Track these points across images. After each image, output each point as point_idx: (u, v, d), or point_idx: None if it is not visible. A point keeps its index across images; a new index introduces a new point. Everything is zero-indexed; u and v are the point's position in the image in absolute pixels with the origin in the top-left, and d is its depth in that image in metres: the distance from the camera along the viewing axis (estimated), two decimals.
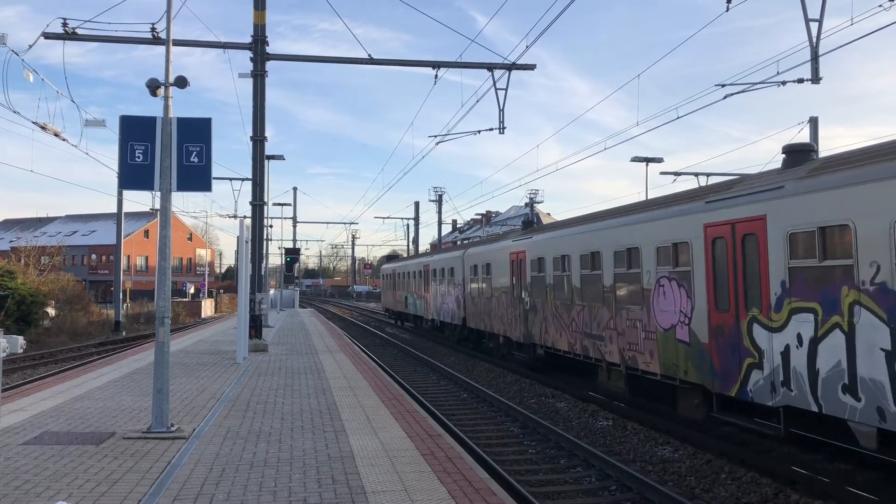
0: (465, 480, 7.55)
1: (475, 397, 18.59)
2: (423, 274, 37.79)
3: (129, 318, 53.47)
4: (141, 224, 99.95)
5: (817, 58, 15.92)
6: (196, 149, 10.51)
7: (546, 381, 20.64)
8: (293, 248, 55.73)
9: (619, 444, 13.08)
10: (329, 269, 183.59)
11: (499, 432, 14.36)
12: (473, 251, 28.53)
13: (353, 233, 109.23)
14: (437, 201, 71.24)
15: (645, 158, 33.63)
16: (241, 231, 20.04)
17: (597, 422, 15.01)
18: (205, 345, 25.19)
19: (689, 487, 10.29)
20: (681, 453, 12.07)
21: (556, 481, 10.83)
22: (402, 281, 44.52)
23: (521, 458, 12.25)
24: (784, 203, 10.37)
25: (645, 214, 14.55)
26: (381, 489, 7.17)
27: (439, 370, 23.77)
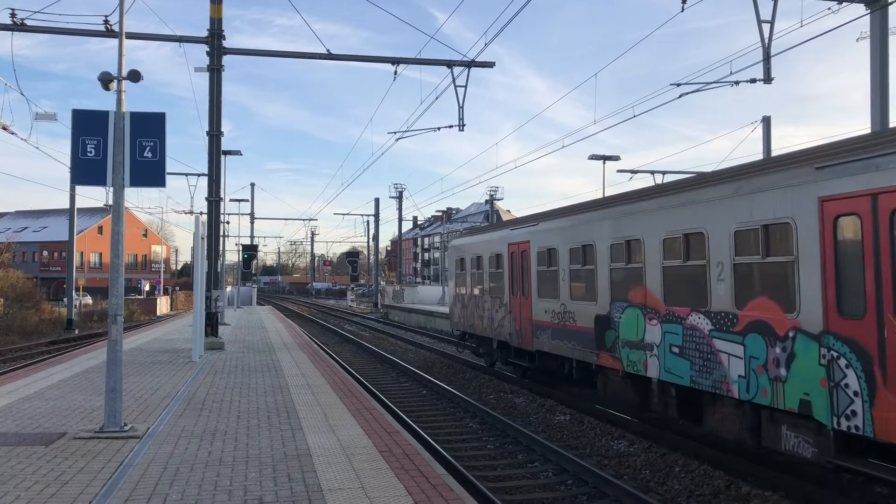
0: (422, 477, 7.56)
1: (435, 394, 18.61)
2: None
3: (83, 315, 52.38)
4: (95, 220, 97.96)
5: (769, 58, 16.25)
6: (150, 144, 10.34)
7: (505, 377, 20.75)
8: (251, 245, 55.13)
9: (576, 438, 13.21)
10: (288, 266, 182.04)
11: (458, 428, 14.40)
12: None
13: (312, 229, 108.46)
14: (397, 198, 71.09)
15: (602, 157, 33.97)
16: (197, 227, 19.76)
17: (554, 417, 15.14)
18: (160, 343, 24.79)
19: (645, 481, 10.44)
20: (636, 447, 12.24)
21: (513, 476, 10.90)
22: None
23: (480, 453, 12.30)
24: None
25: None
26: (337, 487, 7.15)
27: (399, 367, 23.74)
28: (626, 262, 13.05)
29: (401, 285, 70.36)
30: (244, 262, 55.10)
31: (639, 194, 13.46)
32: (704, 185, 11.24)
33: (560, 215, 16.58)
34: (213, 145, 22.54)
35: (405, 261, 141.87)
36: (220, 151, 22.82)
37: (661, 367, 11.85)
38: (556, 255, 15.95)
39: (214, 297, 22.69)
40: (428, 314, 46.13)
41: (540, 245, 16.91)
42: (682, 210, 11.52)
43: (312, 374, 16.35)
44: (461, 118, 23.97)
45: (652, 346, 12.09)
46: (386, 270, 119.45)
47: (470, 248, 22.50)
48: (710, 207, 10.79)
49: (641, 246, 12.53)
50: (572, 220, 15.50)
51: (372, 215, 74.31)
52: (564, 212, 16.59)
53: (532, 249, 17.31)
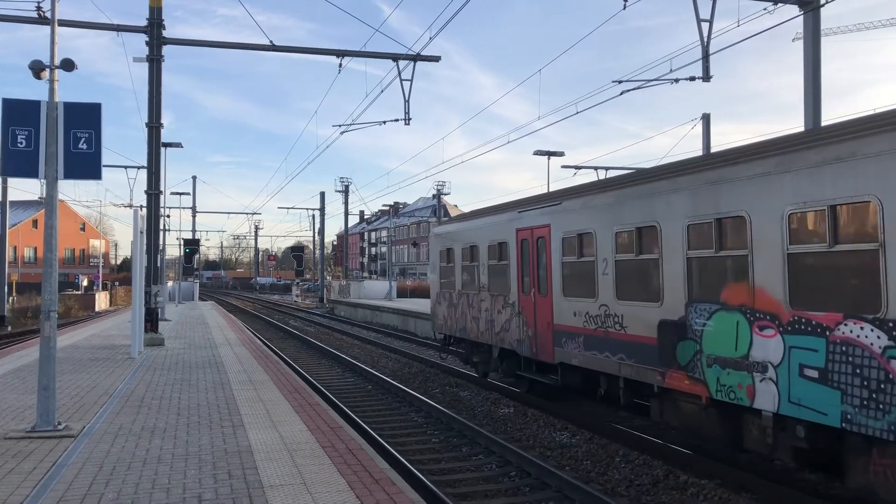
0: (365, 472, 7.54)
1: (380, 388, 18.58)
2: None
3: (16, 312, 50.72)
4: (29, 213, 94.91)
5: (708, 56, 16.62)
6: (85, 135, 10.05)
7: (451, 371, 20.82)
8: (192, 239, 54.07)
9: (519, 430, 13.33)
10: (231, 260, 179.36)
11: (403, 423, 14.40)
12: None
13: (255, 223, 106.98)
14: (343, 192, 70.65)
15: (547, 152, 34.29)
16: (136, 221, 19.30)
17: (499, 409, 15.26)
18: (98, 339, 24.17)
19: (586, 471, 10.60)
20: (578, 438, 12.42)
21: (457, 469, 10.96)
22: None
23: (425, 447, 12.32)
24: None
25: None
26: (279, 483, 7.08)
27: (344, 362, 23.62)
28: (716, 249, 9.35)
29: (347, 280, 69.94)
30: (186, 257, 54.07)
31: (743, 153, 9.47)
32: (879, 129, 7.46)
33: (598, 190, 12.72)
34: (152, 137, 22.03)
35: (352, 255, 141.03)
36: (159, 143, 22.32)
37: (783, 395, 8.34)
38: (593, 241, 12.28)
39: (154, 292, 22.21)
40: (374, 309, 45.99)
41: (566, 229, 13.24)
42: (827, 170, 7.79)
43: (255, 370, 16.14)
44: (407, 112, 23.93)
45: (764, 367, 8.59)
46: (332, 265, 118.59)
47: (460, 235, 18.40)
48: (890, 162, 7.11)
49: (746, 225, 8.90)
50: (621, 194, 11.71)
51: (317, 209, 73.74)
52: (606, 185, 12.71)
53: (553, 235, 13.63)
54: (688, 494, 9.23)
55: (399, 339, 32.46)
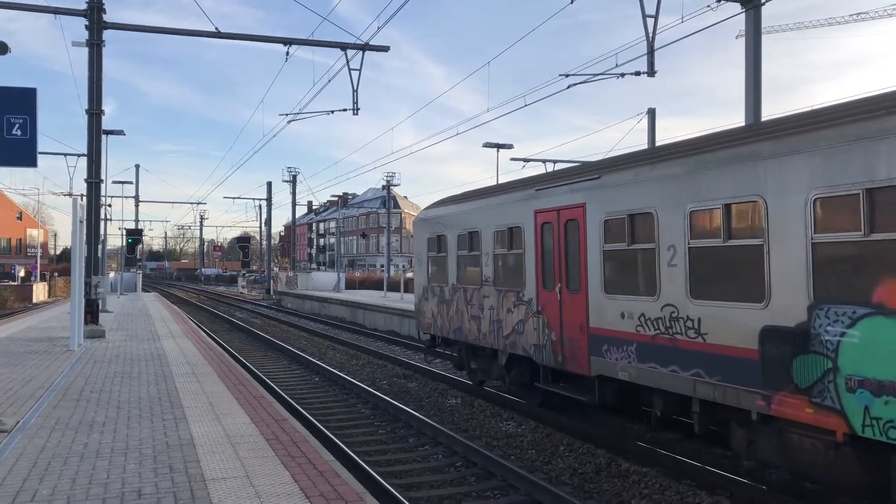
0: (309, 464, 7.49)
1: (327, 380, 18.47)
2: None
3: None
4: None
5: (653, 52, 16.87)
6: (19, 121, 9.75)
7: (398, 362, 20.81)
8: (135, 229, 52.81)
9: (466, 421, 13.41)
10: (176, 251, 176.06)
11: (350, 414, 14.35)
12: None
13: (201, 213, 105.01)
14: (291, 182, 69.86)
15: (496, 144, 34.43)
16: (76, 210, 18.77)
17: (446, 400, 15.31)
18: (35, 331, 23.48)
19: (531, 460, 10.72)
20: (524, 428, 12.54)
21: (404, 460, 10.98)
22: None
23: (371, 438, 12.30)
24: None
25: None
26: (221, 476, 6.98)
27: (291, 354, 23.41)
28: (866, 231, 6.95)
29: (294, 271, 69.22)
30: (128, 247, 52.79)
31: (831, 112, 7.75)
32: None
33: (660, 157, 10.00)
34: (93, 124, 21.43)
35: (299, 246, 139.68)
36: (100, 130, 21.73)
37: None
38: (653, 223, 9.64)
39: (95, 283, 21.66)
40: (322, 301, 45.66)
41: (610, 209, 10.52)
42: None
43: (199, 362, 15.89)
44: (355, 102, 23.74)
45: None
46: (279, 256, 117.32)
47: (455, 220, 15.42)
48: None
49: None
50: (699, 161, 9.12)
51: (264, 199, 72.82)
52: (672, 151, 9.96)
53: (590, 217, 10.91)
54: (629, 482, 9.41)
55: (347, 331, 32.32)
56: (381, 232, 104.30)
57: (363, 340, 27.95)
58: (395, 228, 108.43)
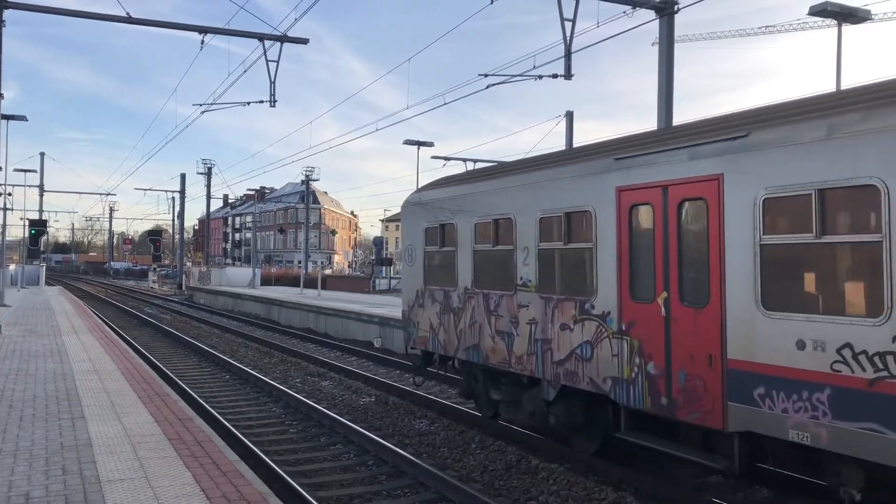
0: (213, 464, 7.26)
1: (238, 378, 18.05)
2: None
3: None
4: None
5: (570, 55, 17.14)
6: None
7: (313, 359, 20.55)
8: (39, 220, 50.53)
9: (379, 419, 13.31)
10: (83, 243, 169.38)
11: (260, 413, 14.05)
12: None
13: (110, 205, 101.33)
14: (205, 174, 68.11)
15: (417, 142, 34.42)
16: None
17: (360, 399, 15.18)
18: None
19: (443, 458, 10.72)
20: (437, 426, 12.54)
21: (315, 459, 10.80)
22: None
23: (281, 437, 12.07)
24: None
25: None
26: (118, 477, 6.69)
27: (201, 351, 22.79)
28: None
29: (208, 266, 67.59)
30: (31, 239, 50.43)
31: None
32: None
33: (880, 98, 6.63)
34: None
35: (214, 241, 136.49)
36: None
37: None
38: (872, 202, 6.40)
39: None
40: (236, 297, 44.70)
41: (775, 182, 7.15)
42: None
43: (102, 359, 15.27)
44: (273, 94, 23.28)
45: None
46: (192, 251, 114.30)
47: (471, 203, 11.76)
48: None
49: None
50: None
51: (177, 192, 70.76)
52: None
53: (730, 195, 7.55)
54: (538, 478, 9.51)
55: (261, 328, 31.71)
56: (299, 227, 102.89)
57: (277, 338, 27.47)
58: (313, 224, 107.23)
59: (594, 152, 9.73)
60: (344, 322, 28.34)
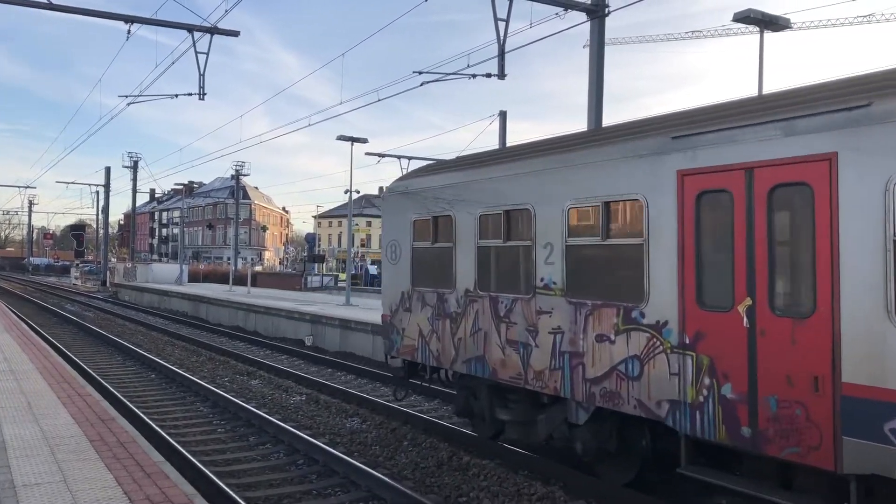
0: (136, 465, 7.06)
1: (164, 377, 17.60)
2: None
3: None
4: None
5: (504, 55, 17.27)
6: None
7: (242, 358, 20.20)
8: None
9: (310, 418, 13.18)
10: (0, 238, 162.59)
11: (187, 413, 13.74)
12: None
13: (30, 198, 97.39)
14: (131, 167, 66.22)
15: (350, 138, 34.07)
16: None
17: (290, 398, 15.00)
18: None
19: (374, 456, 10.68)
20: (368, 424, 12.48)
21: (243, 459, 10.62)
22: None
23: (209, 437, 11.83)
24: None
25: None
26: (35, 482, 6.45)
27: (125, 350, 22.14)
28: None
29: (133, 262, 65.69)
30: None
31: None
32: None
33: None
34: None
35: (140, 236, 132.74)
36: None
37: None
38: None
39: None
40: (162, 294, 43.60)
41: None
42: None
43: (19, 358, 14.68)
44: (202, 86, 22.74)
45: None
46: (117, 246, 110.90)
47: (475, 192, 10.09)
48: None
49: None
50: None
51: (102, 185, 68.56)
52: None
53: (849, 179, 6.17)
54: (469, 475, 9.57)
55: (189, 326, 31.01)
56: (228, 223, 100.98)
57: (205, 336, 26.91)
58: (243, 220, 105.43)
59: (642, 130, 8.19)
60: (274, 320, 27.95)
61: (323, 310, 26.53)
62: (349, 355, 21.48)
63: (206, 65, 22.18)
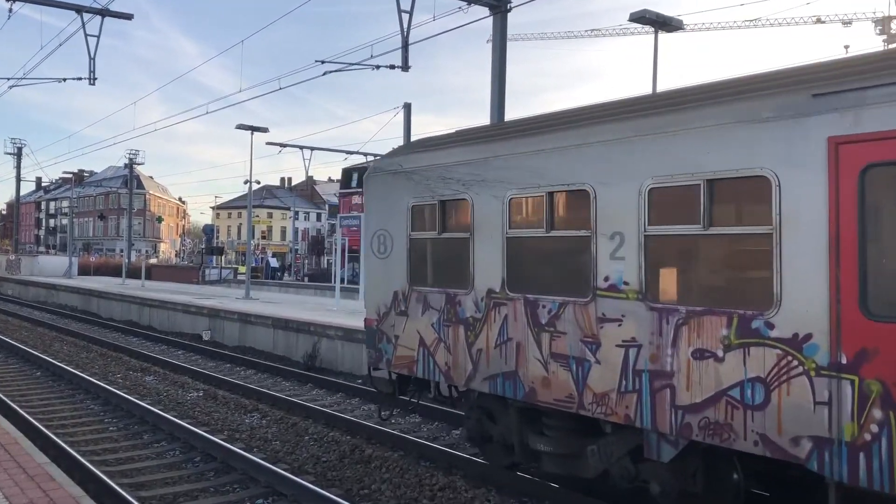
0: (18, 468, 6.73)
1: (51, 375, 16.78)
2: None
3: None
4: None
5: (407, 46, 17.29)
6: None
7: (134, 353, 19.49)
8: None
9: (207, 415, 12.86)
10: None
11: (76, 412, 13.17)
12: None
13: None
14: (15, 154, 62.67)
15: (250, 127, 33.31)
16: None
17: (187, 394, 14.59)
18: None
19: (275, 451, 10.53)
20: (269, 419, 12.29)
21: (136, 458, 10.27)
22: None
23: (100, 437, 11.37)
24: None
25: None
26: None
27: (8, 347, 20.96)
28: None
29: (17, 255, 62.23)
30: None
31: None
32: None
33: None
34: None
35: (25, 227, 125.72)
36: None
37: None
38: None
39: None
40: (50, 288, 41.53)
41: None
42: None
43: None
44: (92, 71, 21.83)
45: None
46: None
47: (491, 172, 8.24)
48: None
49: None
50: None
51: None
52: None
53: None
54: (372, 467, 9.57)
55: (79, 321, 29.67)
56: (121, 213, 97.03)
57: (96, 331, 25.81)
58: (137, 210, 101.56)
59: (762, 86, 6.37)
60: (171, 314, 27.09)
61: (222, 303, 25.91)
62: (249, 350, 21.08)
63: (96, 48, 21.33)
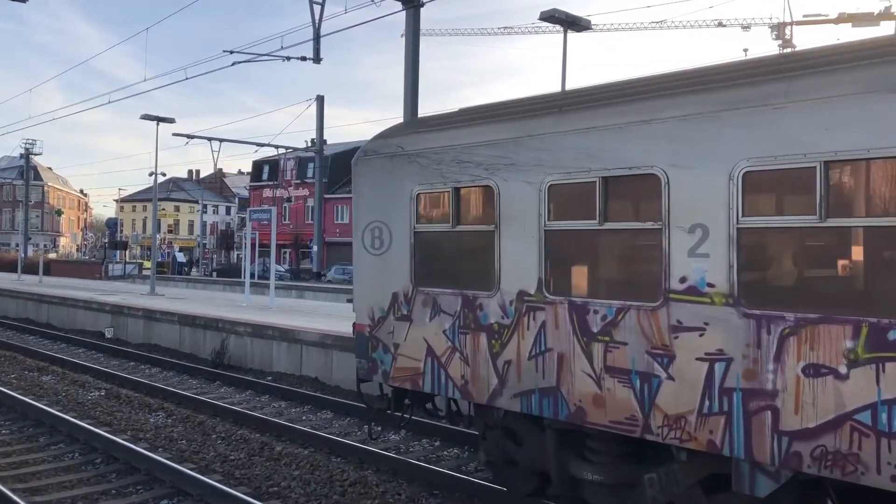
0: None
1: None
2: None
3: None
4: None
5: (319, 38, 17.09)
6: None
7: (30, 352, 18.63)
8: None
9: (110, 414, 12.41)
10: None
11: None
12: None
13: None
14: None
15: (156, 117, 32.25)
16: None
17: (88, 394, 14.05)
18: None
19: (181, 451, 10.26)
20: (174, 418, 11.96)
21: (31, 461, 9.81)
22: None
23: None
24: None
25: None
26: None
27: None
28: None
29: None
30: None
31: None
32: None
33: None
34: None
35: None
36: None
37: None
38: None
39: None
40: None
41: None
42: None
43: None
44: None
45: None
46: None
47: (523, 154, 6.87)
48: None
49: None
50: None
51: None
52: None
53: None
54: (281, 464, 9.45)
55: None
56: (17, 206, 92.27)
57: None
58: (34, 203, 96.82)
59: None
60: (70, 311, 25.99)
61: (125, 300, 25.03)
62: (154, 347, 20.45)
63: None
